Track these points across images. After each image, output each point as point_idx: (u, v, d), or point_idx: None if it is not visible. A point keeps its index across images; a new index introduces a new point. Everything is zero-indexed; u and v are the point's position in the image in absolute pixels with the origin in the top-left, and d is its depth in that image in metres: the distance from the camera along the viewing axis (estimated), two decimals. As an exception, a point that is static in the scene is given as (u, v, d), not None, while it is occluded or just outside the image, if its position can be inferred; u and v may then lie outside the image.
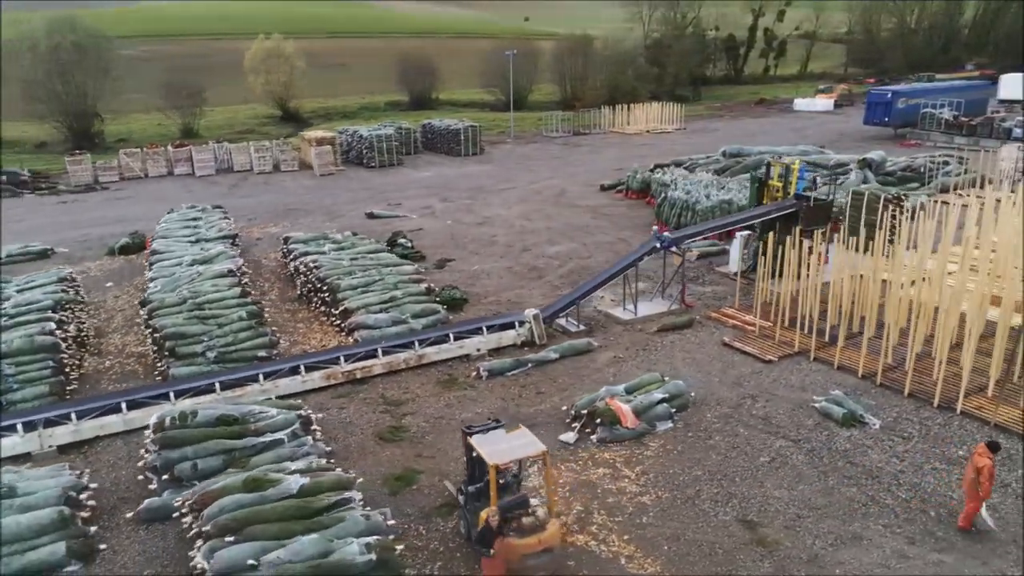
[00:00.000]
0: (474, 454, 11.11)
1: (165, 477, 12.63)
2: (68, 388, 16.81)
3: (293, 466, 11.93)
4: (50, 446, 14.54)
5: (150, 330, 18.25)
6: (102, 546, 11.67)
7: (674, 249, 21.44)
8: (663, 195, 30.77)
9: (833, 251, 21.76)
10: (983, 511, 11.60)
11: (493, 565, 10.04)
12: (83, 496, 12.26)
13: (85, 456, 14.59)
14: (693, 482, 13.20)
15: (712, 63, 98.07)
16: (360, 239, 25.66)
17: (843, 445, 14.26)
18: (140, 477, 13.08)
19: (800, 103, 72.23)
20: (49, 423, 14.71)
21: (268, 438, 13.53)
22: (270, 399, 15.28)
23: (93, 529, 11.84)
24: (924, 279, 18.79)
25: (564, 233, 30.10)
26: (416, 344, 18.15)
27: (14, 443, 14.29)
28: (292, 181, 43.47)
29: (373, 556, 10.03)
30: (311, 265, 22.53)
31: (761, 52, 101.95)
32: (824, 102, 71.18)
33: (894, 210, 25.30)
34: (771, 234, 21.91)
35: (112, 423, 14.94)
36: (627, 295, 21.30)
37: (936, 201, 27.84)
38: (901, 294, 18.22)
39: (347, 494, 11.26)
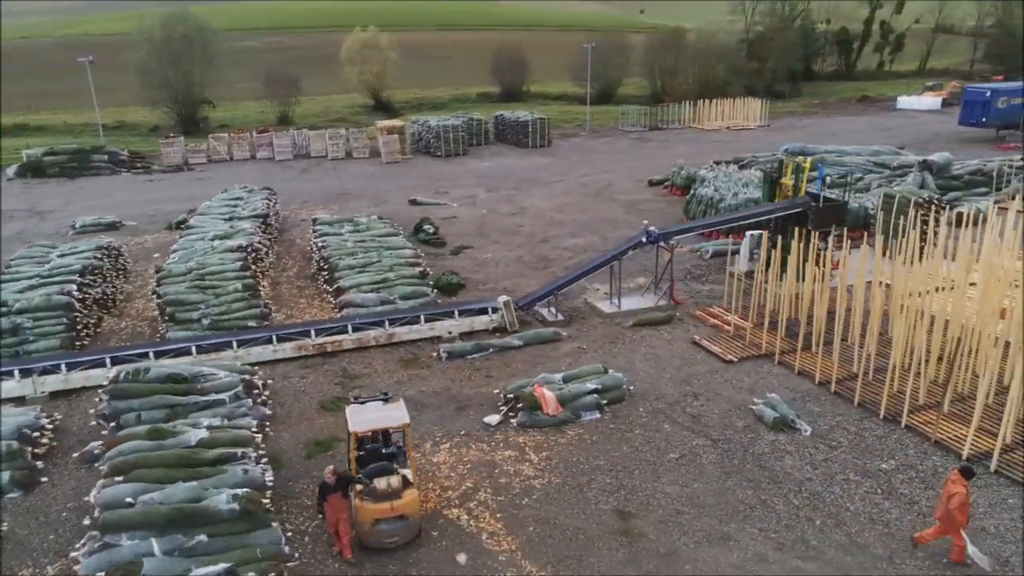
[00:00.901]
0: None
1: (112, 425, 14.11)
2: (78, 343, 18.79)
3: (206, 422, 13.09)
4: (42, 392, 16.43)
5: (156, 296, 20.07)
6: (43, 479, 13.25)
7: (662, 244, 21.28)
8: (692, 191, 30.29)
9: (858, 256, 20.94)
10: (969, 548, 10.84)
11: (328, 517, 10.86)
12: (38, 435, 13.89)
13: (70, 403, 16.40)
14: (591, 471, 13.41)
15: (821, 57, 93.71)
16: (380, 223, 26.77)
17: (762, 449, 14.01)
18: (93, 423, 14.66)
19: (904, 101, 68.04)
20: (44, 372, 16.61)
21: (211, 397, 14.78)
22: (236, 365, 16.56)
23: (40, 464, 13.42)
24: (937, 290, 17.95)
25: (589, 226, 30.22)
26: (386, 323, 19.04)
27: (11, 387, 16.29)
28: (359, 168, 45.49)
29: (237, 506, 10.99)
30: (319, 245, 23.90)
31: (876, 46, 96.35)
32: (931, 100, 66.73)
33: (925, 215, 24.03)
34: (780, 235, 21.32)
35: (96, 376, 16.66)
36: (614, 289, 21.36)
37: (998, 208, 25.94)
38: (905, 303, 17.31)
39: (240, 451, 12.28)
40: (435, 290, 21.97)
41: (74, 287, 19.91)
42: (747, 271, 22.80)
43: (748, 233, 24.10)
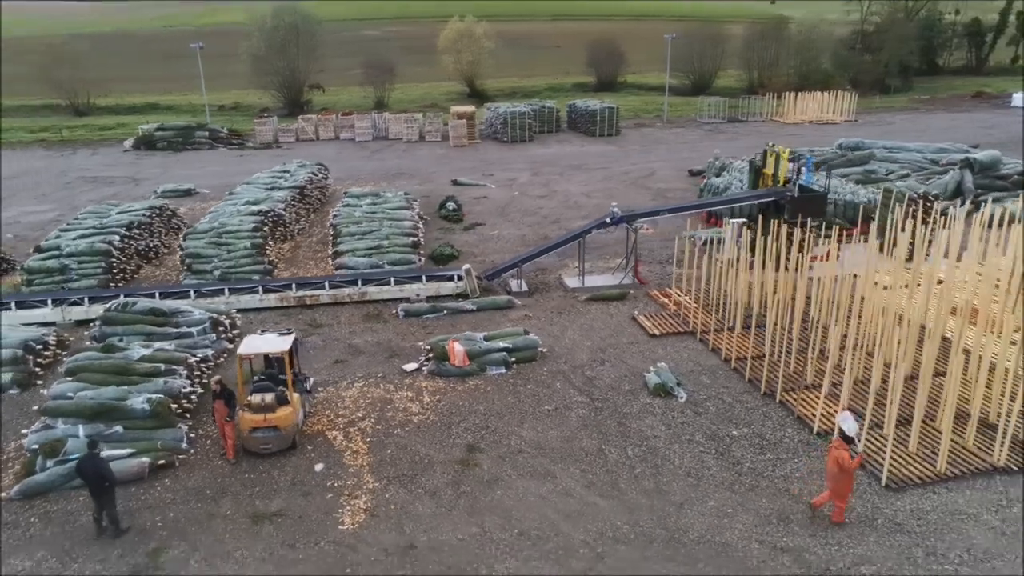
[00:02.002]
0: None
1: (99, 345, 17.29)
2: (112, 284, 22.42)
3: (157, 345, 15.95)
4: (69, 319, 20.02)
5: (180, 249, 23.48)
6: (39, 382, 16.57)
7: (627, 225, 22.46)
8: (705, 181, 30.83)
9: (850, 249, 21.42)
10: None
11: (216, 420, 13.37)
12: (41, 348, 17.28)
13: (89, 328, 19.85)
14: (467, 414, 15.22)
15: (948, 51, 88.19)
16: (399, 198, 29.19)
17: (631, 409, 15.29)
18: (86, 343, 17.91)
19: (1019, 98, 63.35)
20: (72, 304, 20.22)
21: (182, 330, 17.71)
22: (220, 308, 19.50)
23: (39, 371, 16.79)
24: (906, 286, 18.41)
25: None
26: (359, 282, 21.47)
27: (44, 314, 19.97)
28: (427, 150, 48.37)
29: (147, 407, 13.70)
30: (333, 214, 26.69)
31: (1011, 39, 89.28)
32: (1053, 97, 61.87)
33: (916, 211, 23.86)
34: (760, 222, 22.08)
35: (112, 309, 20.03)
36: (589, 266, 22.80)
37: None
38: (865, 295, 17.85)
39: (172, 367, 15.03)
40: (430, 259, 24.22)
41: (116, 238, 23.60)
42: (729, 258, 23.48)
43: (732, 221, 24.69)
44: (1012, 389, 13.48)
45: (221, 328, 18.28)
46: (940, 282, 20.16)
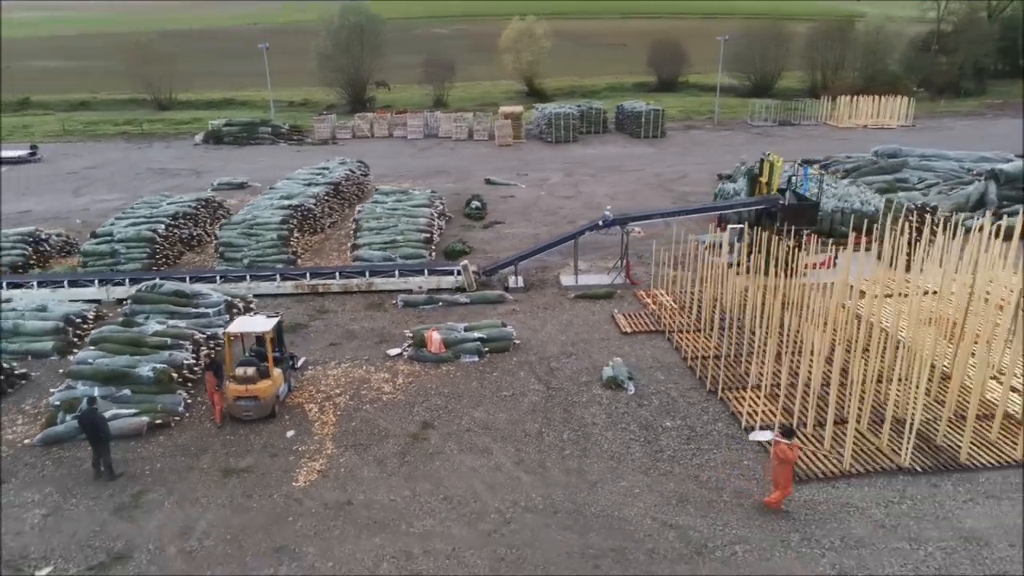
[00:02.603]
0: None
1: (120, 320, 19.78)
2: (154, 268, 25.13)
3: (171, 322, 18.27)
4: (112, 298, 22.72)
5: (214, 238, 26.05)
6: (75, 350, 19.16)
7: (619, 228, 23.68)
8: (719, 186, 31.54)
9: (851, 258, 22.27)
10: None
11: (207, 389, 15.51)
12: (80, 321, 19.92)
13: (122, 306, 22.48)
14: (431, 396, 16.92)
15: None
16: (424, 196, 31.08)
17: (581, 399, 16.68)
18: (119, 320, 20.44)
19: (1096, 104, 60.53)
20: (115, 284, 22.94)
21: (200, 310, 20.05)
22: (239, 292, 21.82)
23: (77, 340, 19.40)
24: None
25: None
26: (367, 273, 23.47)
27: (92, 292, 22.74)
28: (472, 149, 50.27)
29: (152, 374, 15.96)
30: (358, 210, 28.84)
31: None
32: None
33: (914, 222, 24.27)
34: (759, 229, 23.05)
35: (148, 290, 22.65)
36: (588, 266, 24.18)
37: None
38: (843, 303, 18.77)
39: (180, 342, 17.29)
40: (443, 254, 26.09)
41: (162, 227, 26.33)
42: (728, 262, 24.44)
43: (730, 227, 25.55)
44: (936, 394, 14.23)
45: (235, 310, 20.51)
46: (928, 293, 20.84)
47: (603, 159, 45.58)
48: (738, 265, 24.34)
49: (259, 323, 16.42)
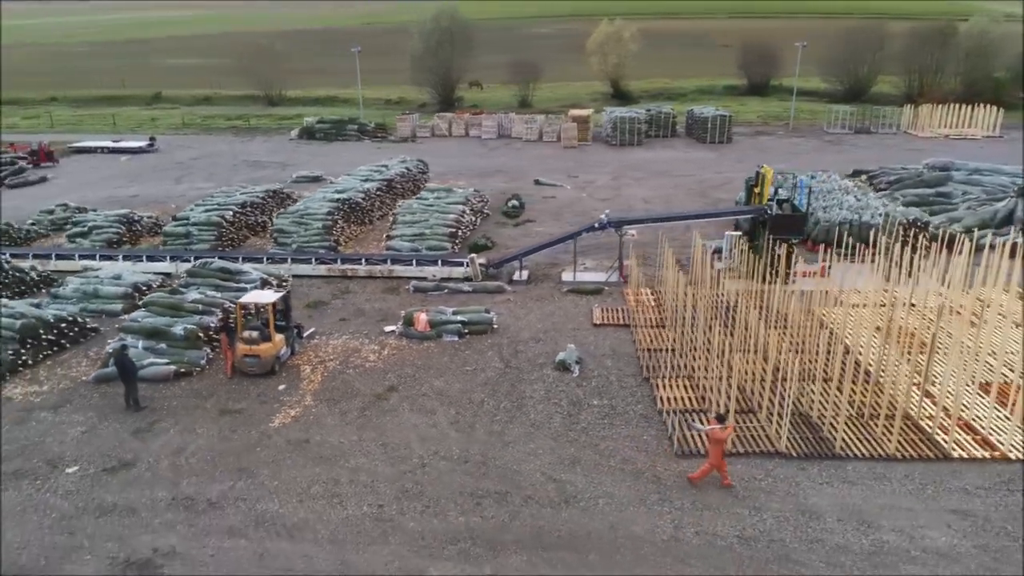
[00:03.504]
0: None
1: (168, 288, 23.91)
2: (220, 248, 29.47)
3: (210, 293, 22.19)
4: (180, 271, 27.13)
5: (271, 225, 30.18)
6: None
7: (614, 230, 25.89)
8: (739, 194, 32.89)
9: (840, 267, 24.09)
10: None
11: (223, 348, 19.20)
12: (146, 288, 24.28)
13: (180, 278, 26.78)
14: (405, 366, 19.94)
15: None
16: (463, 194, 34.17)
17: (531, 376, 19.24)
18: (168, 288, 24.59)
19: None
20: (183, 260, 27.35)
21: (240, 285, 23.96)
22: (278, 271, 25.69)
23: (140, 304, 23.74)
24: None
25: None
26: (388, 261, 26.83)
27: (164, 266, 27.23)
28: (537, 150, 52.96)
29: (182, 333, 19.85)
30: (399, 205, 32.29)
31: None
32: None
33: (906, 236, 25.28)
34: (750, 238, 24.90)
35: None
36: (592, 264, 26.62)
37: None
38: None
39: (211, 309, 21.14)
40: (469, 248, 29.10)
41: (229, 214, 30.70)
42: (721, 267, 26.29)
43: (727, 234, 27.26)
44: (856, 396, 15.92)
45: (269, 286, 24.29)
46: (904, 304, 22.10)
47: (657, 163, 47.19)
48: (730, 270, 26.16)
49: (264, 296, 19.98)
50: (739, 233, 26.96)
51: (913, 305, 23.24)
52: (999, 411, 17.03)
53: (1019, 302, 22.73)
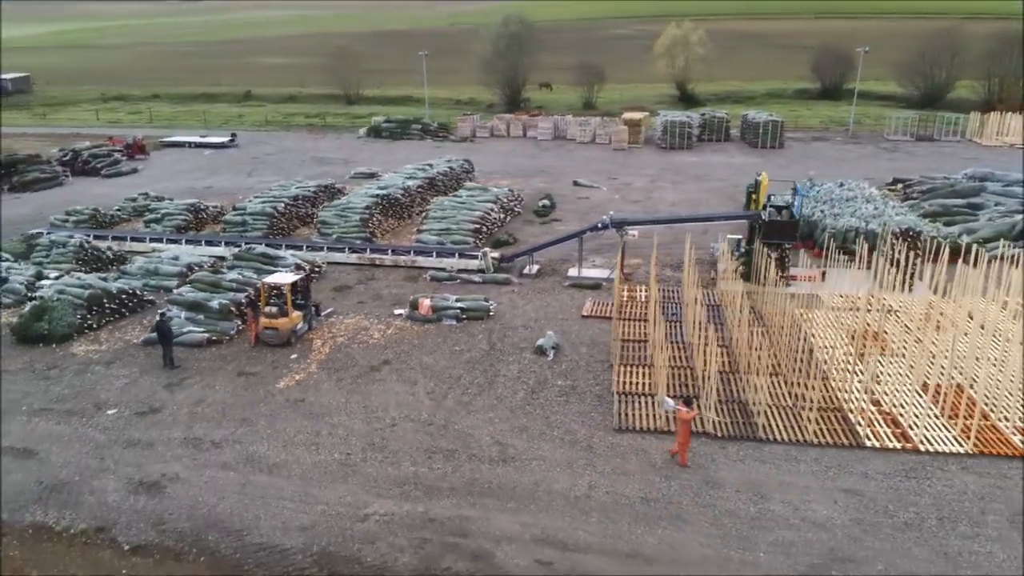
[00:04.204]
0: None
1: (210, 267, 27.41)
2: (271, 236, 33.03)
3: (247, 273, 25.52)
4: (232, 255, 30.78)
5: (315, 217, 33.57)
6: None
7: (616, 230, 27.84)
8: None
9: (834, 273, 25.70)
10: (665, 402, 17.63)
11: (249, 321, 22.42)
12: (198, 267, 27.91)
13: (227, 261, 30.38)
14: (403, 344, 22.61)
15: None
16: (495, 193, 36.67)
17: (510, 358, 21.55)
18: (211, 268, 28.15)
19: None
20: (235, 245, 30.98)
21: (277, 268, 27.28)
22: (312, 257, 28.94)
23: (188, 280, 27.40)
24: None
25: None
26: (412, 252, 29.65)
27: (219, 250, 30.92)
28: (587, 152, 54.88)
29: (218, 306, 23.18)
30: (434, 201, 35.12)
31: None
32: None
33: (901, 244, 26.28)
34: (749, 243, 26.58)
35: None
36: (582, 259, 28.71)
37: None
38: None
39: (245, 287, 24.43)
40: (493, 244, 31.61)
41: (281, 205, 34.27)
42: (725, 268, 27.90)
43: (728, 237, 28.75)
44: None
45: (302, 271, 27.49)
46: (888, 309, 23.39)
47: (699, 167, 48.33)
48: (734, 271, 27.66)
49: (284, 277, 23.07)
50: (739, 237, 28.36)
51: (891, 310, 24.30)
52: (932, 409, 18.20)
53: (1002, 310, 23.46)
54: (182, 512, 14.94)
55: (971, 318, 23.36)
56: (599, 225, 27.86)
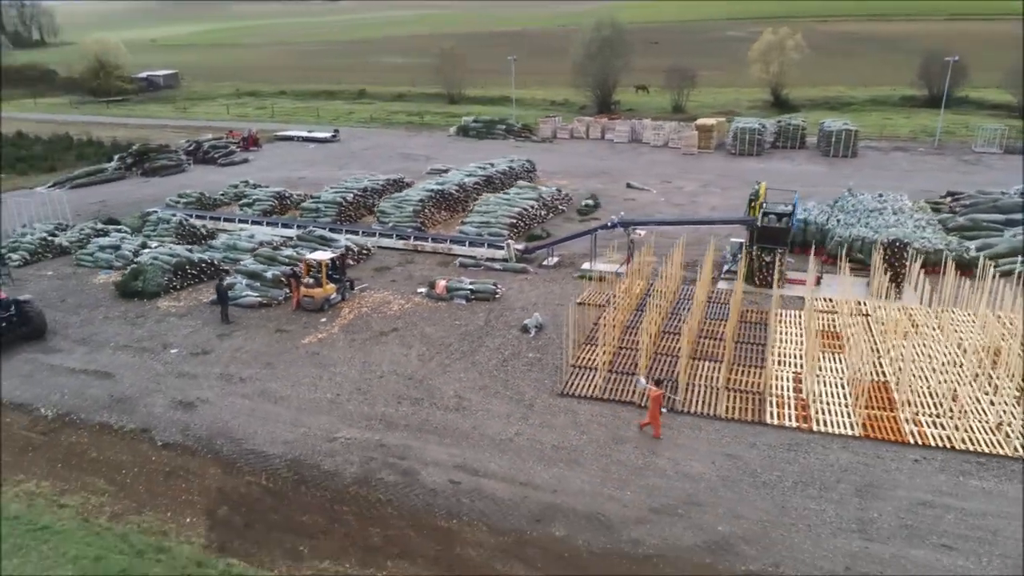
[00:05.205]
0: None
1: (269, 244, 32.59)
2: (338, 222, 38.16)
3: (301, 251, 30.49)
4: (296, 236, 36.07)
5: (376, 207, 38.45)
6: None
7: (623, 229, 30.81)
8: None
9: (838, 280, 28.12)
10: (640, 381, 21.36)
11: (292, 290, 27.30)
12: (272, 247, 33.25)
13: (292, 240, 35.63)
14: (414, 316, 26.72)
15: None
16: (543, 192, 40.21)
17: (497, 333, 25.21)
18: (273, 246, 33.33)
19: None
20: (306, 228, 36.26)
21: (331, 248, 32.19)
22: (364, 241, 33.68)
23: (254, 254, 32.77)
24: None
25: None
26: (448, 241, 33.82)
27: (291, 232, 36.31)
28: (656, 156, 57.26)
29: (270, 276, 28.22)
30: (482, 197, 39.15)
31: None
32: None
33: (888, 255, 28.00)
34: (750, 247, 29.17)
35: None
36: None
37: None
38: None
39: (298, 262, 29.36)
40: (528, 237, 35.30)
41: (350, 195, 39.37)
42: (728, 269, 30.42)
43: (731, 240, 31.06)
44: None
45: (338, 251, 32.17)
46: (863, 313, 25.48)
47: (758, 174, 49.25)
48: (734, 273, 30.01)
49: (323, 255, 27.74)
50: (741, 241, 30.56)
51: (867, 315, 26.06)
52: (847, 400, 20.34)
53: (973, 320, 24.79)
54: (203, 424, 19.70)
55: (939, 327, 24.84)
56: (608, 224, 30.88)
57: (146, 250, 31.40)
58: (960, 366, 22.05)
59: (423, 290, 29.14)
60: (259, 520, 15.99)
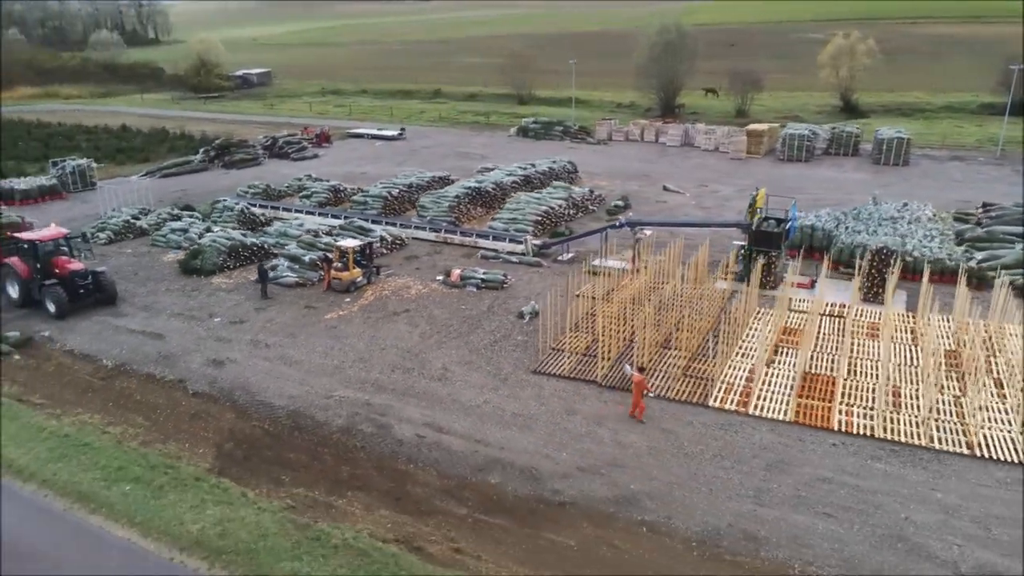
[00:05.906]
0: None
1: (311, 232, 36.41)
2: (383, 214, 41.89)
3: (337, 238, 34.25)
4: (339, 225, 39.94)
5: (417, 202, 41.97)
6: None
7: (630, 229, 33.10)
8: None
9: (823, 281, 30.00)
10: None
11: (324, 271, 31.03)
12: (315, 235, 37.20)
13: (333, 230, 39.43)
14: (426, 300, 29.90)
15: None
16: (580, 192, 42.74)
17: (497, 316, 28.10)
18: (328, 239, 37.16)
19: None
20: (348, 219, 40.14)
21: (368, 238, 35.84)
22: (400, 233, 37.20)
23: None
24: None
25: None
26: (473, 235, 36.94)
27: (337, 222, 40.23)
28: (704, 159, 58.67)
29: (308, 259, 32.02)
30: (512, 195, 42.06)
31: None
32: None
33: (874, 261, 29.41)
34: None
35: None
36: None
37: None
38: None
39: (325, 248, 33.07)
40: (551, 234, 38.05)
41: (395, 190, 43.03)
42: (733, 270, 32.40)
43: (733, 242, 32.88)
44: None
45: (385, 241, 35.76)
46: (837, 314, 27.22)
47: (801, 180, 50.48)
48: (734, 273, 31.92)
49: (350, 242, 31.31)
50: (740, 244, 32.33)
51: (841, 316, 27.56)
52: (791, 390, 22.21)
53: (946, 326, 26.01)
54: (228, 378, 23.48)
55: (911, 331, 26.16)
56: (616, 224, 33.21)
57: (208, 233, 35.83)
58: (917, 367, 23.43)
59: (440, 278, 32.28)
60: (255, 455, 19.47)
